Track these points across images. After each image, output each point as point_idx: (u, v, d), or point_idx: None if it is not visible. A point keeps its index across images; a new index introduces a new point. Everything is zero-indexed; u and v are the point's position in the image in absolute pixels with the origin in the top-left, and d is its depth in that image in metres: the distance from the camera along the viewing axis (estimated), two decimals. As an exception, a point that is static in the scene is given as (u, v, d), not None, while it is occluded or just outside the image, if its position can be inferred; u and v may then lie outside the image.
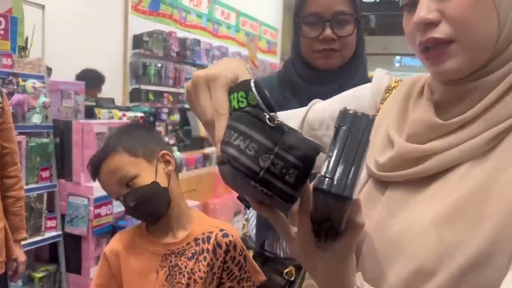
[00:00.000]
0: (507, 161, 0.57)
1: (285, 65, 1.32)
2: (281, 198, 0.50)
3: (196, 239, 1.15)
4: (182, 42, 6.63)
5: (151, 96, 5.90)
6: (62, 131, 2.80)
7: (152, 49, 5.86)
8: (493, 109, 0.59)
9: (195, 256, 1.13)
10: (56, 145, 2.77)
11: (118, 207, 2.82)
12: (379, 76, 0.80)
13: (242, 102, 0.54)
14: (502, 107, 0.58)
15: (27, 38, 3.33)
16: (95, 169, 1.15)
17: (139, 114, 3.09)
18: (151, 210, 1.12)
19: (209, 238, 1.14)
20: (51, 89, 2.83)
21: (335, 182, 0.46)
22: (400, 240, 0.60)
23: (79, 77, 4.63)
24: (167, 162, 1.18)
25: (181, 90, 6.64)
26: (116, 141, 1.15)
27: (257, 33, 9.75)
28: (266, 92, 0.55)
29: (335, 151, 0.48)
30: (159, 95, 6.15)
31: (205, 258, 1.12)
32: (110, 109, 3.08)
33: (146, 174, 1.12)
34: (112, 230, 2.79)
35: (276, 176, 0.49)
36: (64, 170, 2.81)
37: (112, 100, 3.75)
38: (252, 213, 1.35)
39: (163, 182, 1.13)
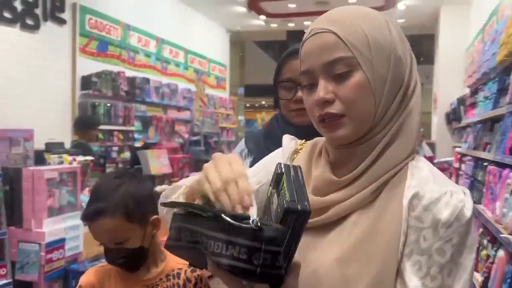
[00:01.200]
0: (386, 207, 0.75)
1: (270, 121, 1.52)
2: (275, 280, 0.62)
3: (167, 275, 1.27)
4: (131, 81, 6.76)
5: (101, 135, 5.94)
6: (11, 178, 2.82)
7: (101, 89, 5.94)
8: (372, 168, 0.78)
9: None
10: (5, 192, 2.80)
11: (70, 250, 2.87)
12: (287, 141, 0.98)
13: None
14: (379, 166, 0.78)
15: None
16: (88, 220, 1.21)
17: (89, 158, 3.17)
18: (131, 266, 1.25)
19: (179, 274, 1.28)
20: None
21: (300, 203, 0.62)
22: (314, 278, 0.77)
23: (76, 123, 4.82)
24: (155, 225, 1.29)
25: (131, 128, 6.72)
26: (115, 203, 1.21)
27: (206, 69, 10.02)
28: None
29: (286, 186, 0.64)
30: (109, 133, 6.21)
31: None
32: (60, 154, 3.14)
33: (136, 237, 1.23)
34: (64, 274, 2.81)
35: (269, 266, 0.60)
36: (14, 217, 2.82)
37: (61, 144, 3.79)
38: None
39: (147, 243, 1.26)
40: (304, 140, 0.97)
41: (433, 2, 8.44)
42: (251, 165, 1.46)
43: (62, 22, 5.52)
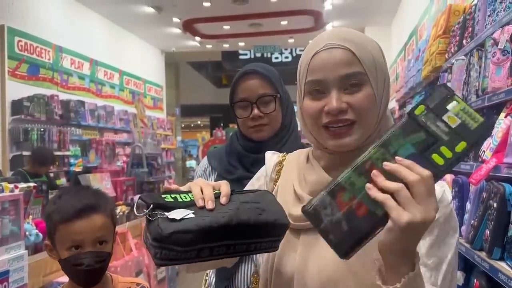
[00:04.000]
0: None
1: (231, 138, 1.58)
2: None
3: None
4: (65, 104, 6.52)
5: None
6: None
7: (33, 113, 5.67)
8: None
9: None
10: None
11: (14, 283, 2.72)
12: (269, 155, 1.06)
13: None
14: None
15: None
16: (78, 217, 1.19)
17: (32, 184, 3.03)
18: (97, 276, 1.25)
19: None
20: None
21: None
22: (325, 275, 0.82)
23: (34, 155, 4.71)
24: (115, 239, 1.32)
25: (67, 153, 6.45)
26: (105, 202, 1.24)
27: (141, 90, 9.89)
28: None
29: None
30: (43, 160, 5.91)
31: None
32: (-1, 182, 2.97)
33: (111, 241, 1.26)
34: (8, 308, 2.65)
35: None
36: (-50, 251, 2.62)
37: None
38: (211, 272, 1.53)
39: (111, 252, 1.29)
40: (285, 153, 1.06)
41: (358, 24, 9.04)
42: (217, 180, 1.53)
43: (-12, 44, 5.25)
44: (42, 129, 5.85)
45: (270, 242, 0.80)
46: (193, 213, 0.74)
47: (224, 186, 0.81)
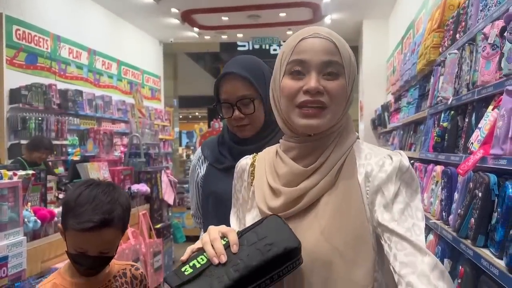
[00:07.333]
0: (346, 185, 0.93)
1: (223, 129, 1.63)
2: None
3: (114, 276, 1.38)
4: (63, 93, 6.53)
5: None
6: None
7: (31, 102, 5.69)
8: (329, 157, 0.96)
9: None
10: None
11: (13, 268, 2.76)
12: (243, 161, 1.13)
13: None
14: (335, 153, 0.96)
15: None
16: (91, 231, 1.20)
17: (30, 172, 3.07)
18: (97, 272, 1.31)
19: (124, 273, 1.40)
20: None
21: None
22: (305, 253, 0.89)
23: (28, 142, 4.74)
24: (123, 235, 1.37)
25: (65, 142, 6.48)
26: (118, 216, 1.25)
27: (139, 81, 9.90)
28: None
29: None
30: (41, 149, 5.93)
31: None
32: (-3, 169, 3.00)
33: (116, 246, 1.30)
34: (7, 293, 2.70)
35: None
36: (-50, 236, 2.67)
37: (-3, 160, 3.61)
38: None
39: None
40: (255, 153, 1.13)
41: (356, 17, 9.05)
42: (207, 169, 1.59)
43: (-14, 32, 5.25)
44: (40, 118, 5.87)
45: (291, 264, 0.86)
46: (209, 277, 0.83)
47: (231, 235, 0.88)
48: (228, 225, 1.03)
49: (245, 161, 1.12)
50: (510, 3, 1.73)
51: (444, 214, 2.14)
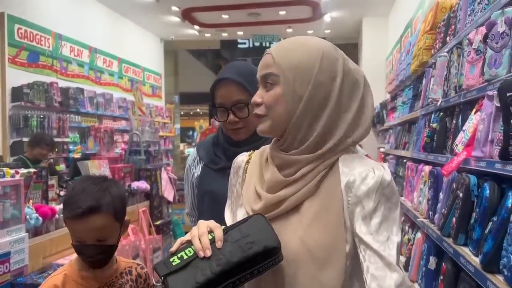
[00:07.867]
0: (328, 193, 0.98)
1: (218, 130, 1.69)
2: None
3: (121, 273, 1.44)
4: (65, 91, 6.60)
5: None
6: (-50, 194, 2.74)
7: (33, 100, 5.77)
8: (308, 174, 1.01)
9: (122, 286, 1.43)
10: None
11: (15, 264, 2.84)
12: (240, 158, 1.19)
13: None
14: (313, 173, 1.01)
15: None
16: (79, 218, 1.27)
17: (32, 170, 3.15)
18: (104, 262, 1.36)
19: (130, 271, 1.47)
20: None
21: None
22: (285, 254, 0.95)
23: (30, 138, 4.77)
24: (126, 226, 1.42)
25: (66, 140, 6.56)
26: (107, 202, 1.30)
27: (140, 78, 9.96)
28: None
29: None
30: (43, 146, 6.01)
31: (131, 286, 1.44)
32: (0, 167, 3.07)
33: (115, 235, 1.35)
34: (10, 288, 2.77)
35: None
36: (-46, 233, 2.74)
37: (0, 158, 3.69)
38: None
39: (118, 242, 1.38)
40: (252, 151, 1.19)
41: (356, 14, 9.09)
42: (202, 169, 1.65)
43: (-12, 32, 5.33)
44: (41, 116, 5.95)
45: (270, 262, 0.93)
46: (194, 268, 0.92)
47: (217, 231, 0.96)
48: (223, 223, 1.09)
49: (241, 158, 1.18)
50: (493, 10, 1.79)
51: (430, 213, 2.20)
